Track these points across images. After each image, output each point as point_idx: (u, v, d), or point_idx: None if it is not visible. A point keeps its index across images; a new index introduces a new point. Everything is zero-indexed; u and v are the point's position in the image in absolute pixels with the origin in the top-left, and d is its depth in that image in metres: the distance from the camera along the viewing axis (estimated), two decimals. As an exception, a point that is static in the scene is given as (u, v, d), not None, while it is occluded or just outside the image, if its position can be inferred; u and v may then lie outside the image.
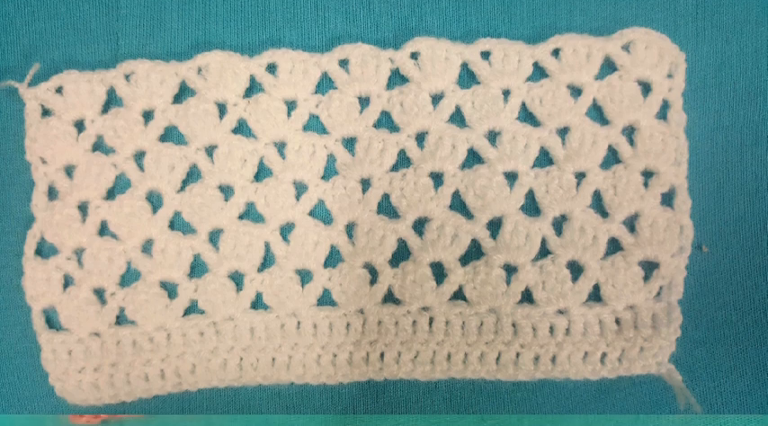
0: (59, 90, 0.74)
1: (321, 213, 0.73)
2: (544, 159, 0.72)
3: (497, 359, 0.70)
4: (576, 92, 0.72)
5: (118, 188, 0.74)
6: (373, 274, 0.71)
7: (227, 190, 0.73)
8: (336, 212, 0.72)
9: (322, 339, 0.71)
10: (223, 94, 0.73)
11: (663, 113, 0.71)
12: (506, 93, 0.73)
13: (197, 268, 0.73)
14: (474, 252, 0.71)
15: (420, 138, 0.73)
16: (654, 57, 0.71)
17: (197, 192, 0.72)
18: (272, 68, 0.74)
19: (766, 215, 0.72)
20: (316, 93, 0.74)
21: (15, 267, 0.73)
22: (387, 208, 0.72)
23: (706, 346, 0.72)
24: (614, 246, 0.70)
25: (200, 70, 0.74)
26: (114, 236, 0.73)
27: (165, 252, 0.72)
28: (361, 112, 0.73)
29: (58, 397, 0.72)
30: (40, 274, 0.72)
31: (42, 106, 0.74)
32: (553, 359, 0.70)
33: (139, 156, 0.73)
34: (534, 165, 0.71)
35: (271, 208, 0.72)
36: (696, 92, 0.72)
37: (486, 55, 0.73)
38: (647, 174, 0.71)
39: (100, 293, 0.72)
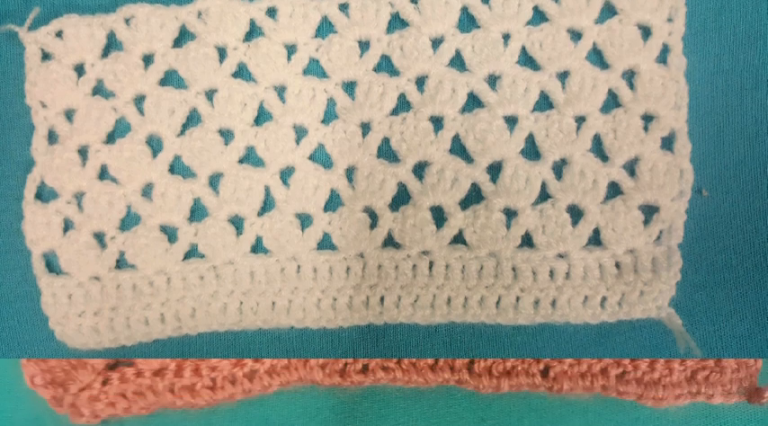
0: (59, 34, 0.74)
1: (321, 157, 0.72)
2: (544, 103, 0.72)
3: (497, 303, 0.70)
4: (576, 36, 0.72)
5: (118, 132, 0.74)
6: (373, 218, 0.71)
7: (227, 134, 0.73)
8: (336, 156, 0.72)
9: (322, 283, 0.71)
10: (223, 38, 0.73)
11: (663, 57, 0.71)
12: (506, 37, 0.72)
13: (197, 212, 0.72)
14: (474, 196, 0.71)
15: (420, 82, 0.72)
16: (654, 0, 0.71)
17: (197, 136, 0.72)
18: (272, 12, 0.74)
19: (766, 158, 0.72)
20: (316, 36, 0.74)
21: (15, 211, 0.73)
22: (387, 151, 0.72)
23: (706, 290, 0.71)
24: (614, 190, 0.70)
25: (200, 14, 0.73)
26: (114, 180, 0.72)
27: (165, 196, 0.72)
28: (361, 56, 0.73)
29: (58, 341, 0.72)
30: (40, 218, 0.72)
31: (42, 50, 0.74)
32: (553, 303, 0.70)
33: (139, 100, 0.73)
34: (534, 109, 0.71)
35: (271, 152, 0.72)
36: (696, 36, 0.72)
37: (486, -2, 0.73)
38: (647, 118, 0.70)
39: (100, 237, 0.72)
